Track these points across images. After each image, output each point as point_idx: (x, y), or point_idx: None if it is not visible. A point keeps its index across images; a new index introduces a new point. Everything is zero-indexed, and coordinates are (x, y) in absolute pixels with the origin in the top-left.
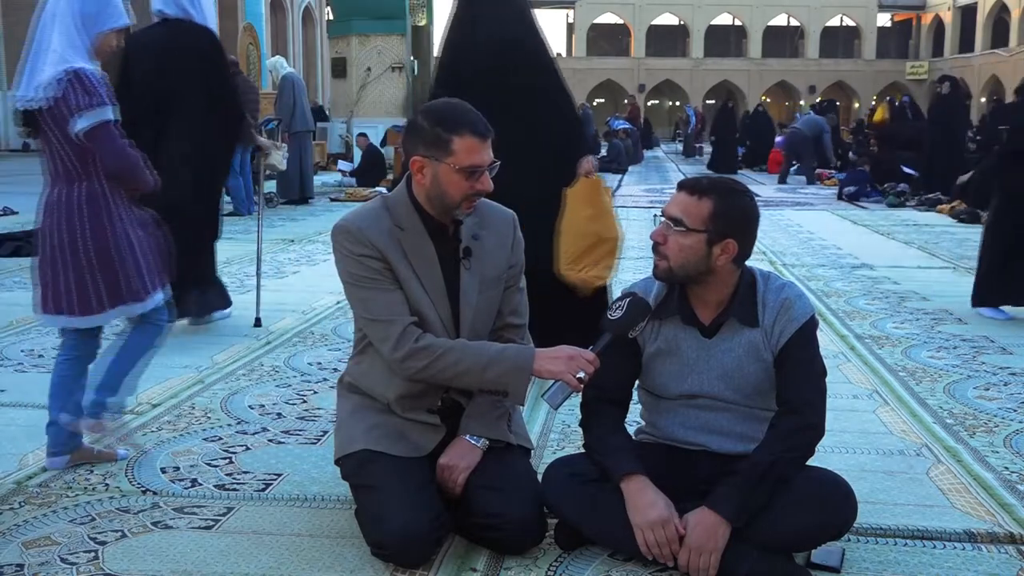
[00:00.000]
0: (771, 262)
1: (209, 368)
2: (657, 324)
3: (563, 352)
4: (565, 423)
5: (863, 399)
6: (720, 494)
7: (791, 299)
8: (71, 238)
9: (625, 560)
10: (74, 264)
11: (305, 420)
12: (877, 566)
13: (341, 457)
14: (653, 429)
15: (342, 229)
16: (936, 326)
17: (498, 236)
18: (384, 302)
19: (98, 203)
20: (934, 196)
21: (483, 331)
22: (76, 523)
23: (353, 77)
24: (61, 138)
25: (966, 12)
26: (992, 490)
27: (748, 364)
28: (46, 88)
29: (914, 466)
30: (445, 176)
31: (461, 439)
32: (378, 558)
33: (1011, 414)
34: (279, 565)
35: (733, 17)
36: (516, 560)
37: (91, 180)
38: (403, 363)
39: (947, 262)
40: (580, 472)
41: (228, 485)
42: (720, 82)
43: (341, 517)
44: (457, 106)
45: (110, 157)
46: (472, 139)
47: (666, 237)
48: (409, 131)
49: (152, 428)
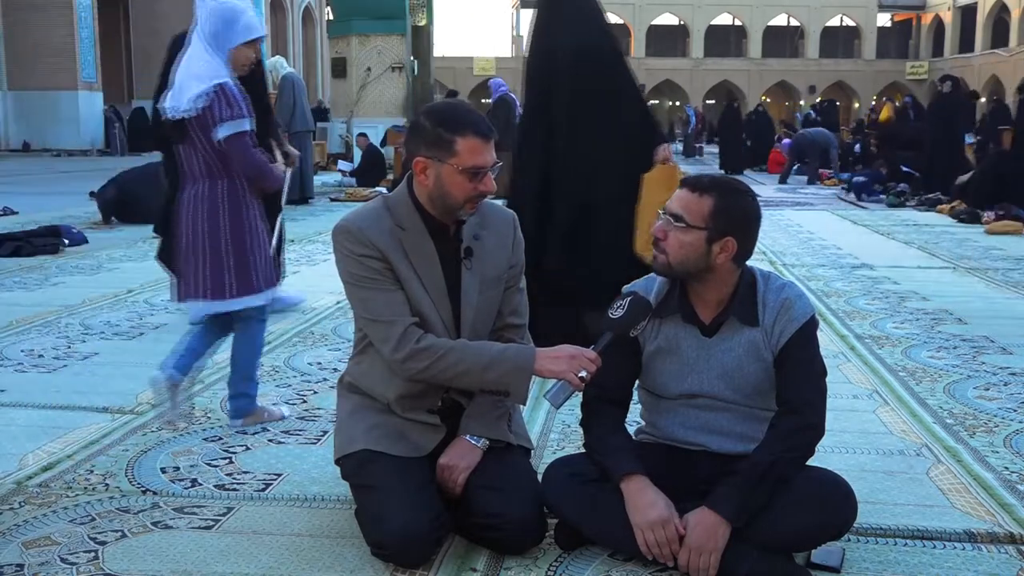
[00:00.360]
0: (771, 262)
1: (209, 368)
2: (657, 323)
3: (564, 351)
4: (565, 423)
5: (863, 399)
6: (720, 494)
7: (791, 299)
8: (212, 228)
9: (625, 560)
10: (212, 253)
11: (305, 420)
12: (877, 566)
13: (341, 457)
14: (653, 429)
15: (343, 229)
16: (936, 326)
17: (499, 236)
18: (385, 302)
19: (237, 199)
20: (934, 196)
21: (483, 331)
22: (76, 523)
23: (353, 77)
24: (206, 142)
25: (966, 12)
26: (992, 490)
27: (748, 364)
28: (195, 100)
29: (914, 466)
30: (448, 177)
31: (461, 439)
32: (378, 558)
33: (1011, 414)
34: (279, 565)
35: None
36: (516, 560)
37: (231, 179)
38: (404, 364)
39: (947, 262)
40: (580, 472)
41: (228, 485)
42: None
43: (341, 517)
44: (459, 107)
45: (241, 162)
46: (475, 140)
47: (666, 233)
48: (411, 132)
49: (152, 428)
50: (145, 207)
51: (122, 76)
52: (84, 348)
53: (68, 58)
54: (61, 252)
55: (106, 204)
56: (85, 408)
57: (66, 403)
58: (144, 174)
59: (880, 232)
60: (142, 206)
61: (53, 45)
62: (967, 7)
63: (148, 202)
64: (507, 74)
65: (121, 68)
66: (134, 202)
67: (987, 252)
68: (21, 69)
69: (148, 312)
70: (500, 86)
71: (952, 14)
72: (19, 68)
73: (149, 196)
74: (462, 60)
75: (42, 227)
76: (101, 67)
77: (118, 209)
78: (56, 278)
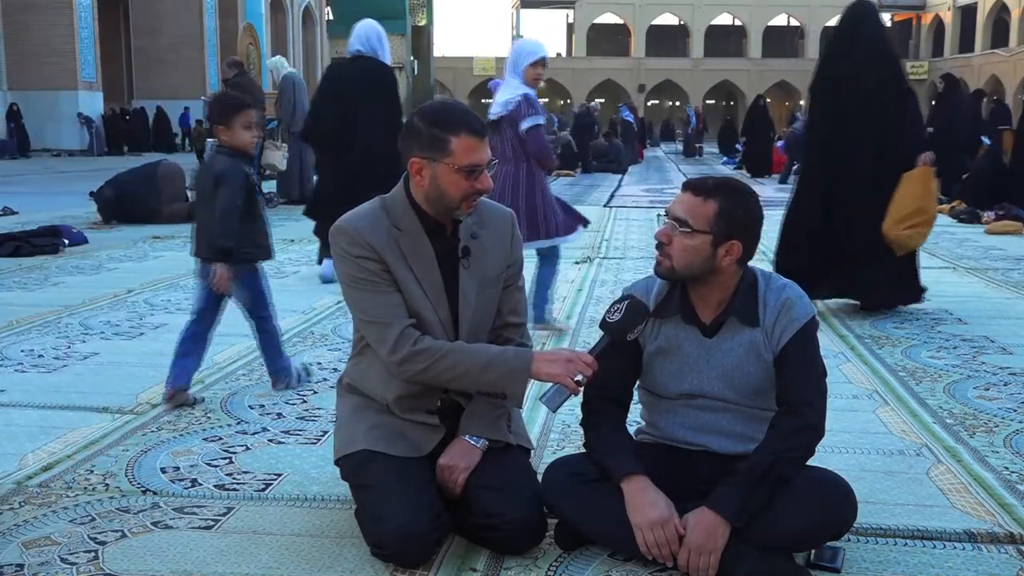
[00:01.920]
0: (771, 262)
1: (209, 368)
2: (658, 323)
3: (561, 355)
4: (565, 423)
5: (863, 399)
6: (720, 494)
7: (792, 299)
8: (513, 195)
9: (625, 560)
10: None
11: (305, 420)
12: (877, 566)
13: (341, 457)
14: (653, 429)
15: (340, 230)
16: (936, 326)
17: (497, 235)
18: (381, 304)
19: (532, 176)
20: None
21: (482, 331)
22: (76, 523)
23: None
24: (513, 135)
25: (966, 12)
26: (992, 490)
27: (748, 364)
28: (506, 105)
29: (914, 466)
30: (444, 176)
31: (461, 439)
32: (378, 558)
33: (1011, 414)
34: (279, 565)
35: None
36: (516, 560)
37: (529, 161)
38: (401, 366)
39: (947, 262)
40: (580, 472)
41: (228, 485)
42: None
43: (341, 517)
44: (453, 106)
45: (534, 146)
46: (469, 138)
47: (671, 238)
48: (406, 133)
49: (152, 428)
50: (143, 207)
51: (122, 76)
52: (84, 348)
53: (68, 58)
54: (61, 252)
55: (105, 204)
56: (85, 408)
57: (66, 403)
58: (141, 175)
59: None
60: (140, 206)
61: (53, 45)
62: (967, 7)
63: (146, 202)
64: None
65: (121, 68)
66: (132, 202)
67: (987, 252)
68: (21, 69)
69: (148, 312)
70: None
71: (952, 14)
72: (19, 68)
73: (148, 196)
74: (462, 60)
75: (42, 227)
76: (101, 67)
77: (117, 209)
78: (56, 278)
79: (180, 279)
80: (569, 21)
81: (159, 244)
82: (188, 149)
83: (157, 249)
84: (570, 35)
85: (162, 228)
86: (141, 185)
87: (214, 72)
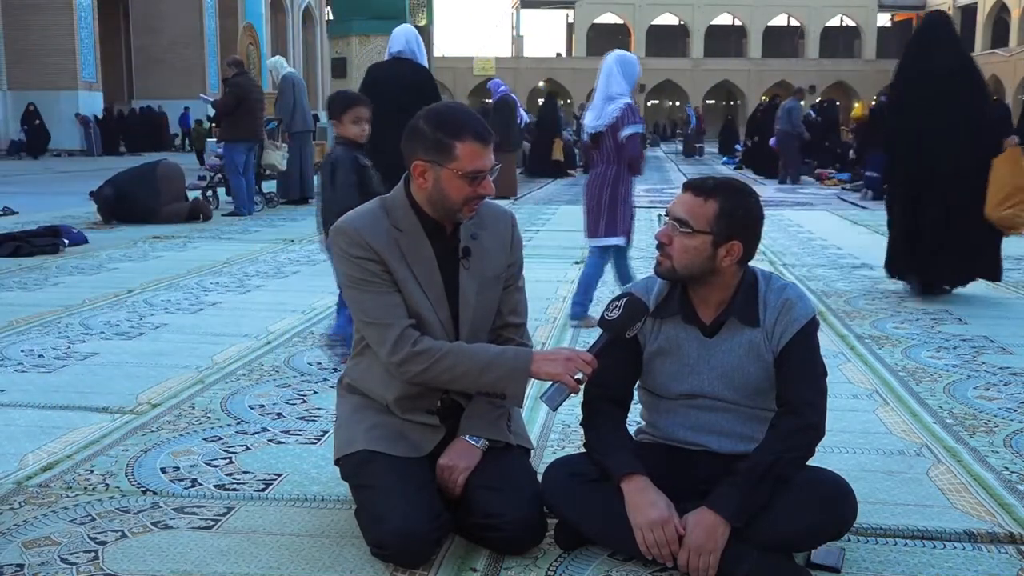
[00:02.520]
0: (771, 262)
1: (209, 368)
2: (658, 323)
3: (561, 354)
4: (565, 423)
5: (863, 399)
6: (720, 494)
7: (792, 300)
8: (599, 193)
9: (625, 560)
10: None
11: (305, 420)
12: (877, 566)
13: (341, 457)
14: (653, 429)
15: (340, 231)
16: (936, 326)
17: (496, 236)
18: (381, 305)
19: (619, 177)
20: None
21: (482, 331)
22: (76, 523)
23: (353, 77)
24: (613, 140)
25: (966, 12)
26: (992, 490)
27: (748, 364)
28: (610, 114)
29: (914, 466)
30: (447, 181)
31: (461, 439)
32: (378, 558)
33: (1011, 414)
34: (279, 565)
35: (733, 17)
36: (516, 560)
37: (619, 165)
38: (400, 367)
39: None
40: (580, 472)
41: (228, 485)
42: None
43: (341, 517)
44: (458, 110)
45: (631, 152)
46: (474, 144)
47: (671, 238)
48: (410, 135)
49: (152, 428)
50: (143, 207)
51: (122, 76)
52: (84, 348)
53: (68, 58)
54: (61, 252)
55: (104, 204)
56: (85, 408)
57: (66, 403)
58: (141, 174)
59: (880, 232)
60: (139, 206)
61: (53, 45)
62: (967, 7)
63: (145, 202)
64: (507, 74)
65: (121, 68)
66: (131, 202)
67: None
68: (21, 69)
69: (148, 312)
70: (500, 87)
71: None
72: (19, 68)
73: (147, 196)
74: (462, 60)
75: (42, 227)
76: (101, 67)
77: (116, 209)
78: (56, 278)
79: (180, 279)
80: (569, 21)
81: (159, 244)
82: (188, 149)
83: (157, 249)
84: (570, 35)
85: (162, 228)
86: (140, 185)
87: (214, 72)
